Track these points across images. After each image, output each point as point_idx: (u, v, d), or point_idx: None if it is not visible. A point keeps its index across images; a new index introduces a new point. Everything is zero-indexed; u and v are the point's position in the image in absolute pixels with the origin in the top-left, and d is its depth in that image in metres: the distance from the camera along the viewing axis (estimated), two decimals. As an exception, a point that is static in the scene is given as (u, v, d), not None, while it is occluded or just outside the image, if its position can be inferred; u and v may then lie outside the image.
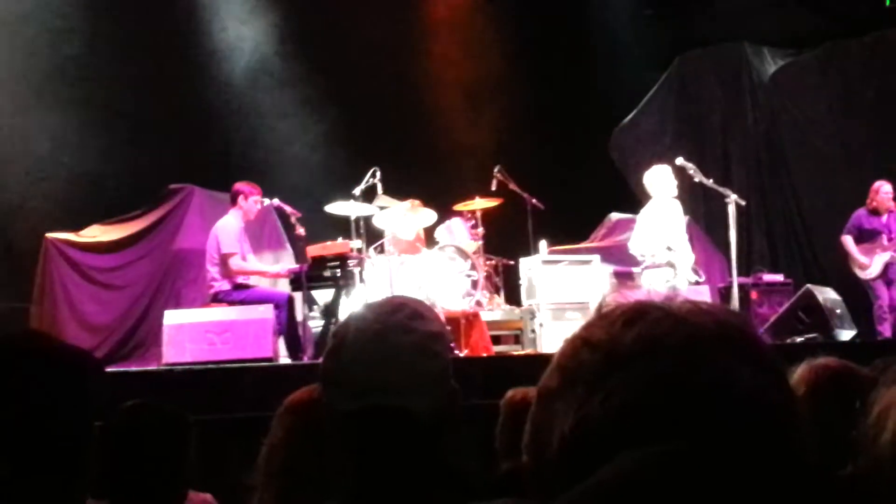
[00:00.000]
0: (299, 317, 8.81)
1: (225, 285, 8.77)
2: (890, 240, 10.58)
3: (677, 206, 9.46)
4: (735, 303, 9.27)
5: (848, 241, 10.74)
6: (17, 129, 10.15)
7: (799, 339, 9.48)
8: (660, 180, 9.40)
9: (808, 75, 13.55)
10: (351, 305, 8.63)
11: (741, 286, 9.87)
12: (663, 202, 9.41)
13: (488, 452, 3.70)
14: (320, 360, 1.81)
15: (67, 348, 1.58)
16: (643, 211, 9.60)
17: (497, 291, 10.12)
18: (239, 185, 9.07)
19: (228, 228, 8.90)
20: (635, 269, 9.49)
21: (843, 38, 13.29)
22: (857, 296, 10.67)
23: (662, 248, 9.22)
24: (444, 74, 12.28)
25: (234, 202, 9.04)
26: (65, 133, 10.31)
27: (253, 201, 9.02)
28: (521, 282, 10.13)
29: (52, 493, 1.51)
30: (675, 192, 9.43)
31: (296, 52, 11.65)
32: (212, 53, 11.45)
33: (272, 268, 9.68)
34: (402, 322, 1.73)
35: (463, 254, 9.47)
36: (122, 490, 2.63)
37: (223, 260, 8.79)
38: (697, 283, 9.39)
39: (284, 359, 8.54)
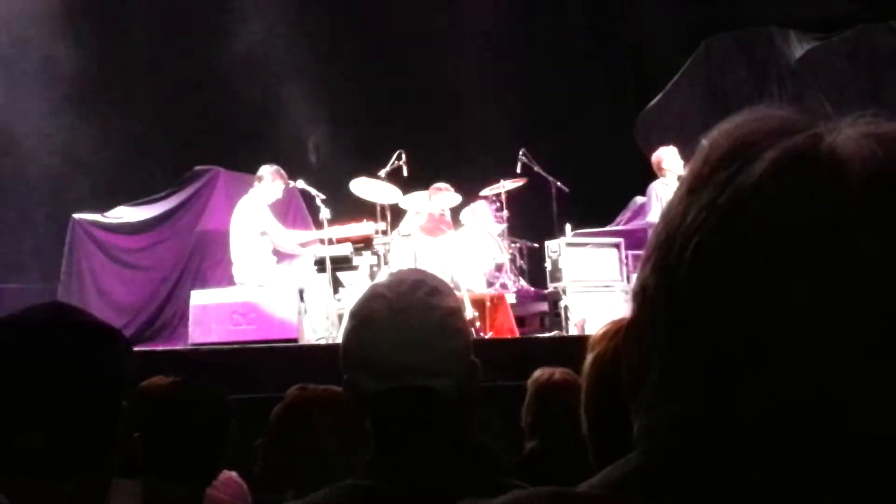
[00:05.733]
0: (323, 299, 8.83)
1: (252, 269, 8.81)
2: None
3: None
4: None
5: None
6: (43, 110, 10.19)
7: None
8: (676, 160, 9.72)
9: (836, 60, 13.43)
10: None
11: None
12: (673, 181, 9.66)
13: (514, 433, 3.73)
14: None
15: (97, 322, 1.59)
16: (654, 186, 9.88)
17: (522, 274, 10.10)
18: (266, 168, 9.10)
19: (256, 208, 8.91)
20: None
21: (871, 22, 13.16)
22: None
23: None
24: (470, 57, 12.25)
25: (258, 181, 9.09)
26: (91, 115, 10.34)
27: (277, 186, 9.05)
28: (545, 264, 10.12)
29: (82, 467, 1.52)
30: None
31: (322, 33, 11.64)
32: (236, 34, 11.45)
33: (321, 233, 9.20)
34: (422, 300, 1.69)
35: (488, 236, 9.46)
36: (159, 469, 2.60)
37: (269, 240, 8.84)
38: None
39: (308, 340, 8.56)
